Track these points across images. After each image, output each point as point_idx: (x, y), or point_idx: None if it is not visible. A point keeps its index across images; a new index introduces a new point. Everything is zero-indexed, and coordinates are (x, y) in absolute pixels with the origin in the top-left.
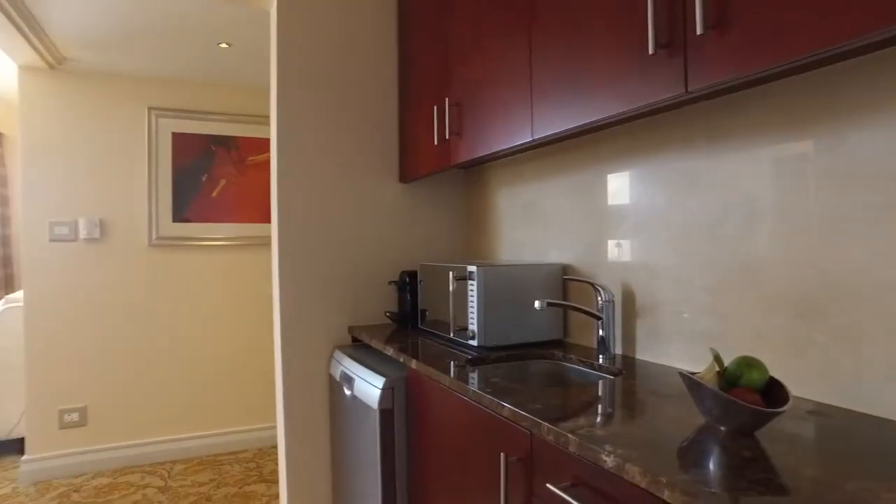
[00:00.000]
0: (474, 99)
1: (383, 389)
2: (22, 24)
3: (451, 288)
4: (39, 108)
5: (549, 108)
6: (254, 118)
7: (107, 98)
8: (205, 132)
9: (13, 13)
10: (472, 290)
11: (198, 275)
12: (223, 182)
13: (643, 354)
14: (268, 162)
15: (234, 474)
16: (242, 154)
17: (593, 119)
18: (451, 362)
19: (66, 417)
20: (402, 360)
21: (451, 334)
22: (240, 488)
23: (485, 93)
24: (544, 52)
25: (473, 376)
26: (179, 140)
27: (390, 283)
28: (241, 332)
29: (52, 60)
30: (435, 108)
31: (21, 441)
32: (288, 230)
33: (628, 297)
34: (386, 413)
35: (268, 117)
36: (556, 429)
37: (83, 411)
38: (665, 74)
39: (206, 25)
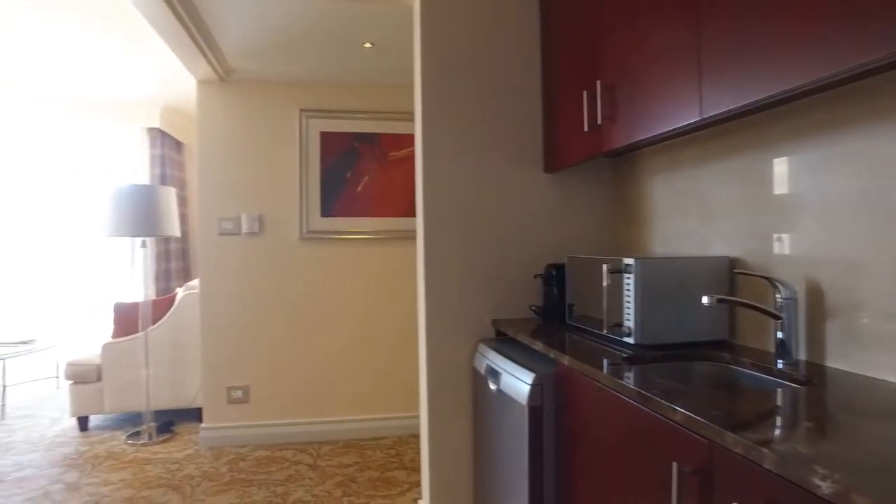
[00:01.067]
0: (630, 80)
1: (533, 385)
2: (202, 44)
3: (604, 282)
4: (212, 117)
5: (722, 81)
6: (395, 115)
7: (264, 103)
8: (349, 130)
9: (197, 35)
10: (628, 285)
11: (344, 267)
12: (366, 178)
13: (835, 362)
14: (408, 157)
15: (376, 459)
16: (384, 150)
17: (783, 89)
18: (606, 360)
19: (233, 394)
20: (552, 355)
21: (604, 330)
22: (381, 473)
23: (642, 72)
24: (716, 19)
25: (631, 375)
26: (327, 139)
27: (536, 276)
28: (384, 323)
29: (223, 73)
30: (584, 93)
31: (200, 410)
32: (433, 223)
33: (814, 296)
34: (535, 410)
35: (408, 113)
36: (744, 440)
37: (246, 390)
38: (888, 23)
39: (350, 27)
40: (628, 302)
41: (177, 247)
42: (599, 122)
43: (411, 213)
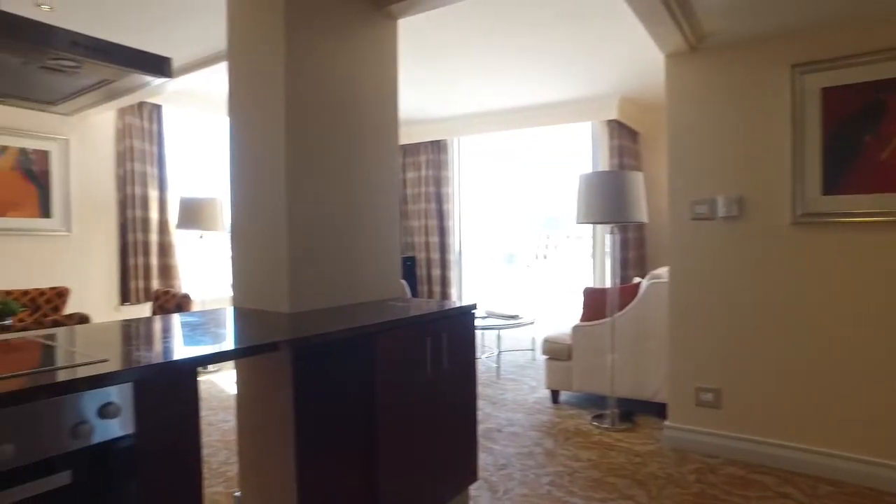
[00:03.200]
0: None
1: None
2: (676, 10)
3: None
4: (681, 93)
5: None
6: None
7: (743, 67)
8: (867, 79)
9: (672, 1)
10: None
11: (857, 258)
12: None
13: None
14: None
15: None
16: None
17: None
18: None
19: (701, 396)
20: None
21: None
22: None
23: None
24: None
25: None
26: (831, 96)
27: None
28: None
29: (694, 40)
30: None
31: (662, 406)
32: None
33: None
34: None
35: None
36: None
37: (717, 393)
38: None
39: None
40: None
41: (635, 236)
42: None
43: None
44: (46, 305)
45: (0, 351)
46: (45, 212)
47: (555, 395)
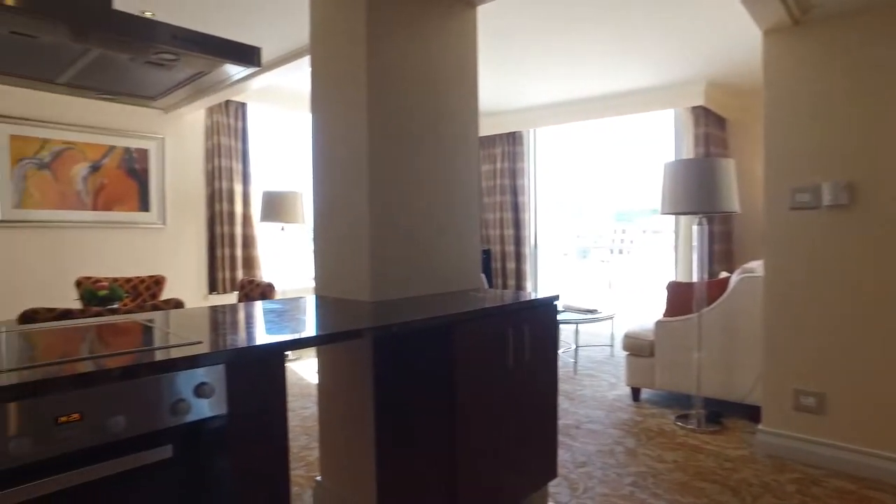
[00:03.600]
0: None
1: None
2: None
3: None
4: (781, 72)
5: None
6: None
7: (856, 39)
8: None
9: None
10: None
11: None
12: None
13: None
14: None
15: None
16: None
17: None
18: None
19: (801, 400)
20: None
21: None
22: None
23: None
24: None
25: None
26: None
27: None
28: None
29: (798, 13)
30: None
31: (754, 409)
32: None
33: None
34: None
35: None
36: None
37: (820, 398)
38: None
39: None
40: None
41: (721, 229)
42: None
43: None
44: (146, 292)
45: (110, 332)
46: (144, 206)
47: (635, 392)
